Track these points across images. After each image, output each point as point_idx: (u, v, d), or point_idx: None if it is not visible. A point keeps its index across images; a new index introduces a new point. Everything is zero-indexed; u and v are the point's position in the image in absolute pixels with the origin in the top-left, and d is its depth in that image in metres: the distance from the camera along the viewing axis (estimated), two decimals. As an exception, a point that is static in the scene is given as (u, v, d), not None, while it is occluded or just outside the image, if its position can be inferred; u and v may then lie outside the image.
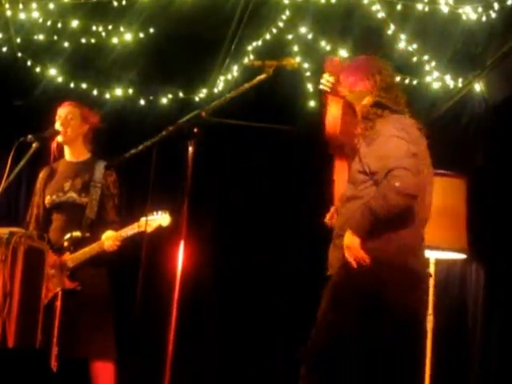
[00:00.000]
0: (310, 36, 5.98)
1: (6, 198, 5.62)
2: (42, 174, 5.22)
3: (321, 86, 3.86)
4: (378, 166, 3.66)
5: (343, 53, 5.93)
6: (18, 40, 6.17)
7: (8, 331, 4.28)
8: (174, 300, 3.43)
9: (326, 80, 3.81)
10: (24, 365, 4.06)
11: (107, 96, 6.36)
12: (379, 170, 3.66)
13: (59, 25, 6.12)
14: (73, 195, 5.06)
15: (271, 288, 6.12)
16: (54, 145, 5.14)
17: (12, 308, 4.33)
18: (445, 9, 5.58)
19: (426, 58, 5.79)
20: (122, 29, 6.16)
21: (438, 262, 5.26)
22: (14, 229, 4.58)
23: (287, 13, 5.95)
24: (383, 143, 3.66)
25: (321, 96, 3.98)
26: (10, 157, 4.80)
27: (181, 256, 3.48)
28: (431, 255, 5.22)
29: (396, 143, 3.64)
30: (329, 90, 3.84)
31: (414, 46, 5.75)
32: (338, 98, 3.84)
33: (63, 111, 5.14)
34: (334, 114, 3.82)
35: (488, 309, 5.52)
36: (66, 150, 5.20)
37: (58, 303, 4.76)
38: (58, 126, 5.09)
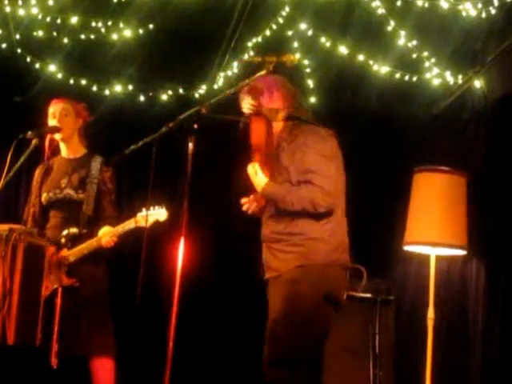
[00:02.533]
0: (309, 32, 5.98)
1: (5, 194, 5.62)
2: (37, 172, 5.21)
3: (245, 110, 4.06)
4: (301, 179, 3.97)
5: (343, 49, 5.93)
6: (18, 36, 6.17)
7: (8, 328, 4.28)
8: (174, 297, 3.43)
9: (250, 104, 4.04)
10: (24, 362, 4.06)
11: (107, 92, 6.36)
12: (301, 183, 3.99)
13: (58, 21, 6.12)
14: (70, 192, 5.04)
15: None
16: (46, 142, 5.13)
17: (12, 305, 4.32)
18: (445, 5, 5.58)
19: (425, 54, 5.80)
20: (121, 25, 6.16)
21: (439, 259, 5.26)
22: (14, 225, 4.56)
23: (287, 9, 5.95)
24: (307, 158, 3.96)
25: (245, 118, 4.18)
26: (10, 153, 4.79)
27: (181, 252, 3.48)
28: (432, 252, 5.21)
29: (317, 160, 3.96)
30: (253, 113, 4.04)
31: (414, 42, 5.76)
32: (260, 118, 4.05)
33: (57, 108, 5.12)
34: (259, 132, 4.05)
35: (488, 305, 5.52)
36: (63, 146, 5.18)
37: (58, 300, 4.77)
38: (54, 123, 5.08)
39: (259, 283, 6.12)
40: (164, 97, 6.36)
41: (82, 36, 6.19)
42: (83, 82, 6.31)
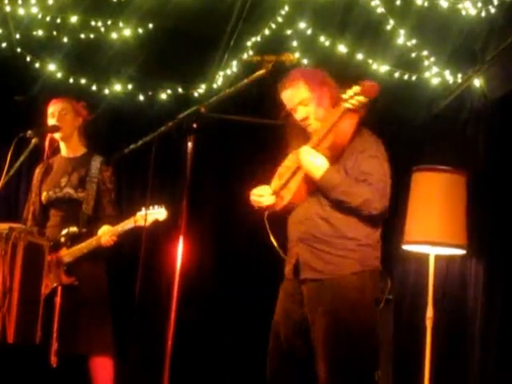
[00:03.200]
0: (309, 31, 5.97)
1: (5, 193, 5.63)
2: (37, 171, 5.23)
3: (347, 105, 3.85)
4: (359, 179, 3.92)
5: (342, 48, 5.93)
6: (18, 35, 6.17)
7: (8, 327, 4.28)
8: (173, 296, 3.43)
9: (358, 101, 3.84)
10: (23, 360, 4.07)
11: (106, 91, 6.36)
12: (359, 182, 3.96)
13: (58, 20, 6.11)
14: (69, 191, 5.06)
15: (272, 282, 6.11)
16: (46, 142, 5.14)
17: (12, 304, 4.33)
18: (444, 4, 5.58)
19: (425, 53, 5.80)
20: (121, 24, 6.16)
21: (438, 258, 5.26)
22: (14, 224, 4.58)
23: (286, 8, 5.95)
24: (364, 160, 3.93)
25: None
26: (10, 152, 4.79)
27: (180, 251, 3.48)
28: (431, 251, 5.22)
29: (375, 163, 3.94)
30: (356, 110, 3.88)
31: (414, 41, 5.75)
32: (356, 116, 3.91)
33: (56, 108, 5.14)
34: (347, 130, 3.92)
35: (487, 304, 5.53)
36: (63, 145, 5.20)
37: (58, 299, 4.77)
38: (53, 123, 5.09)
39: (260, 283, 6.17)
40: (163, 96, 6.36)
41: (82, 35, 6.18)
42: (83, 81, 6.31)
